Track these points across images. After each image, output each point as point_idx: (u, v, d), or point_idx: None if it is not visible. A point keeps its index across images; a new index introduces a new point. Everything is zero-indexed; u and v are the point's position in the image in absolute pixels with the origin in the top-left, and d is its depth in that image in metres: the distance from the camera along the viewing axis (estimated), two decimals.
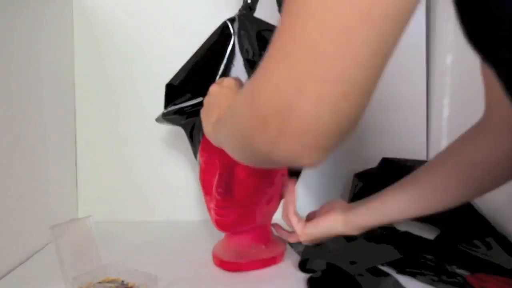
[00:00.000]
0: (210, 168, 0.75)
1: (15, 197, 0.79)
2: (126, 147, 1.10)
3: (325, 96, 0.32)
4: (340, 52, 0.31)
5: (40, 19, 0.91)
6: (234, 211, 0.73)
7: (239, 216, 0.75)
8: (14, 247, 0.79)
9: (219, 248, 0.81)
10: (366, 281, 0.68)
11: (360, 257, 0.76)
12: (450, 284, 0.67)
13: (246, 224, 0.77)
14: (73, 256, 0.68)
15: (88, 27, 1.08)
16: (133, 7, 1.07)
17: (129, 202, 1.09)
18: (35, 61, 0.88)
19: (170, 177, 1.10)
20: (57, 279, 0.66)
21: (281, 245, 0.83)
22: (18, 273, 0.77)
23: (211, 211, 0.75)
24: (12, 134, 0.78)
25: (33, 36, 0.87)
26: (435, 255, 0.77)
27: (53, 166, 0.96)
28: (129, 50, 1.07)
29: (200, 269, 0.77)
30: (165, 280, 0.70)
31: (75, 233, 0.70)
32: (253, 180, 0.73)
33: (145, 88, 1.06)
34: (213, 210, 0.74)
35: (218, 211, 0.73)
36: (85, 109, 1.09)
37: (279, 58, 0.34)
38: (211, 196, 0.74)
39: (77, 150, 1.09)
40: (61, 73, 1.03)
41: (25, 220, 0.82)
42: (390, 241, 0.83)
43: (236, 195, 0.73)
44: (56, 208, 0.97)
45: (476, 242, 0.79)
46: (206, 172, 0.75)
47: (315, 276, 0.71)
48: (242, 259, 0.77)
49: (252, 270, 0.75)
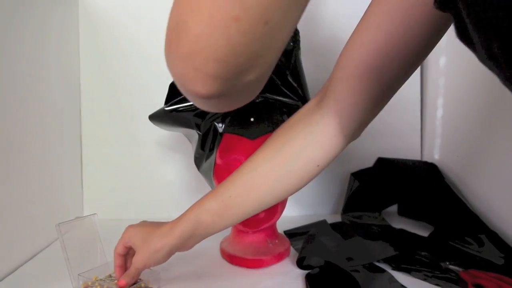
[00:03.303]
0: (233, 169, 0.75)
1: (22, 195, 0.80)
2: (131, 146, 1.11)
3: (216, 17, 0.31)
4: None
5: (48, 21, 0.92)
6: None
7: (266, 213, 0.76)
8: (21, 244, 0.80)
9: (235, 247, 0.81)
10: (362, 277, 0.69)
11: (356, 254, 0.77)
12: (443, 280, 0.68)
13: (270, 220, 0.78)
14: (79, 253, 0.68)
15: (93, 29, 1.09)
16: (137, 9, 1.08)
17: (134, 200, 1.10)
18: (42, 62, 0.89)
19: (175, 176, 1.11)
20: (63, 276, 0.67)
21: (286, 238, 0.86)
22: (25, 270, 0.77)
23: None
24: (18, 134, 0.79)
25: (40, 37, 0.88)
26: (429, 252, 0.78)
27: (59, 165, 0.97)
28: (134, 51, 1.08)
29: (203, 266, 0.78)
30: (168, 276, 0.72)
31: (81, 230, 0.70)
32: None
33: (150, 88, 1.07)
34: None
35: None
36: (90, 109, 1.10)
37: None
38: None
39: (83, 149, 1.10)
40: (67, 74, 1.04)
41: (31, 218, 0.83)
42: (386, 238, 0.84)
43: None
44: (62, 206, 0.97)
45: (469, 239, 0.81)
46: (227, 173, 0.75)
47: (312, 272, 0.72)
48: (264, 255, 0.78)
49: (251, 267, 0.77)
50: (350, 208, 1.06)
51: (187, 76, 0.35)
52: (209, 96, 0.36)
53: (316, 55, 1.08)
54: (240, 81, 0.36)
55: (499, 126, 0.83)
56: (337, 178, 1.12)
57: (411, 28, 0.49)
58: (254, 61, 0.35)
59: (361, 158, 1.08)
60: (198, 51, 0.33)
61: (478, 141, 0.90)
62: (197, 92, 0.36)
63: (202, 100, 0.40)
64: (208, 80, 0.34)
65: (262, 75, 0.39)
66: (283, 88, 0.76)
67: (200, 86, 0.35)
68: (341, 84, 0.57)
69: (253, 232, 0.80)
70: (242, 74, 0.35)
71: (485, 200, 0.87)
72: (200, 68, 0.34)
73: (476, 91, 0.91)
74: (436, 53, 1.08)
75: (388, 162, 1.05)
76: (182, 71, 0.35)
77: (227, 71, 0.34)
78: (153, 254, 0.62)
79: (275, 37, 0.34)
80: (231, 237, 0.84)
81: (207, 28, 0.31)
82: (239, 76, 0.35)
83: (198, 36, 0.32)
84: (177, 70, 0.35)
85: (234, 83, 0.36)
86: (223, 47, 0.32)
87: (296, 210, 1.11)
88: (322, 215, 1.08)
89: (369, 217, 1.03)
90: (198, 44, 0.32)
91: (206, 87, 0.35)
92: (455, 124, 1.01)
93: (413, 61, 0.53)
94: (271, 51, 0.36)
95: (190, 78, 0.35)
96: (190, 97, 0.40)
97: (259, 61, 0.35)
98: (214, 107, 0.45)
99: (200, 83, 0.35)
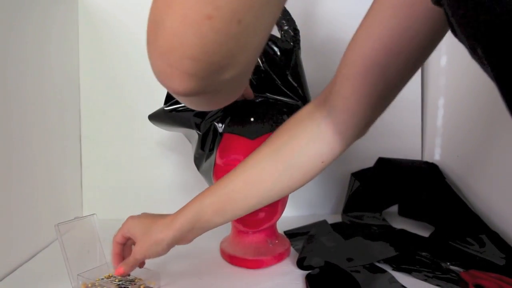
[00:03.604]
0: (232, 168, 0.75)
1: (21, 196, 0.80)
2: (130, 146, 1.10)
3: (189, 15, 0.31)
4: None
5: (47, 20, 0.92)
6: (263, 209, 0.74)
7: (267, 213, 0.76)
8: (20, 244, 0.80)
9: (235, 247, 0.81)
10: (363, 277, 0.69)
11: (357, 255, 0.77)
12: (444, 280, 0.68)
13: (270, 220, 0.78)
14: (78, 253, 0.68)
15: (93, 28, 1.09)
16: (137, 8, 1.08)
17: (133, 200, 1.10)
18: (41, 61, 0.89)
19: (174, 176, 1.11)
20: (62, 276, 0.67)
21: (286, 238, 0.86)
22: (24, 270, 0.77)
23: None
24: (18, 134, 0.79)
25: (40, 37, 0.88)
26: (430, 252, 0.78)
27: (58, 165, 0.97)
28: (133, 50, 1.07)
29: (203, 266, 0.77)
30: (168, 276, 0.72)
31: (80, 231, 0.70)
32: None
33: (150, 88, 1.06)
34: None
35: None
36: (89, 109, 1.10)
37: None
38: None
39: (82, 149, 1.10)
40: (66, 74, 1.04)
41: (31, 218, 0.83)
42: (386, 239, 0.83)
43: None
44: (61, 206, 0.97)
45: (470, 239, 0.80)
46: (227, 173, 0.76)
47: (313, 273, 0.72)
48: (264, 255, 0.78)
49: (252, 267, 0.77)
50: (350, 208, 1.05)
51: (164, 73, 0.35)
52: (186, 94, 0.37)
53: (316, 55, 1.07)
54: (216, 79, 0.36)
55: (500, 126, 0.83)
56: (337, 178, 1.11)
57: (415, 24, 0.49)
58: (229, 60, 0.35)
59: (362, 158, 1.08)
60: (173, 48, 0.33)
61: (479, 141, 0.90)
62: (174, 89, 0.36)
63: (182, 97, 0.40)
64: (184, 78, 0.35)
65: (239, 75, 0.39)
66: (283, 88, 0.76)
67: (177, 83, 0.36)
68: (347, 81, 0.57)
69: (253, 232, 0.80)
70: (218, 72, 0.36)
71: (486, 200, 0.87)
72: (176, 66, 0.34)
73: (476, 91, 0.91)
74: (437, 53, 1.08)
75: (388, 162, 1.05)
76: (160, 68, 0.36)
77: (202, 69, 0.34)
78: (153, 245, 0.63)
79: (249, 37, 0.35)
80: (231, 237, 0.84)
81: (181, 26, 0.32)
82: (215, 75, 0.36)
83: (173, 34, 0.33)
84: (155, 67, 0.36)
85: (210, 82, 0.36)
86: (197, 45, 0.32)
87: (296, 210, 1.11)
88: (323, 215, 1.08)
89: (370, 217, 1.02)
90: (173, 42, 0.33)
91: (183, 84, 0.36)
92: (456, 124, 1.01)
93: (417, 57, 0.53)
94: (247, 51, 0.36)
95: (167, 75, 0.35)
96: (171, 94, 0.40)
97: (235, 60, 0.36)
98: (197, 104, 0.46)
99: (176, 80, 0.35)
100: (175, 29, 0.32)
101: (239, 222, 0.77)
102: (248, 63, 0.39)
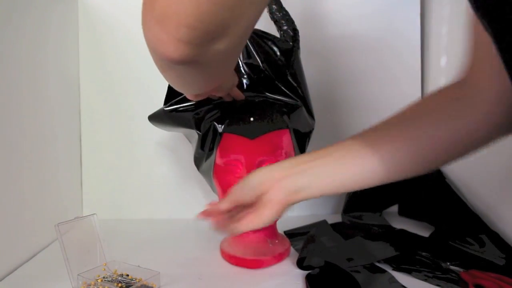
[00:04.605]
0: (233, 168, 0.75)
1: (21, 195, 0.80)
2: (130, 146, 1.10)
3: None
4: None
5: (46, 20, 0.92)
6: None
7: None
8: (20, 244, 0.80)
9: (235, 247, 0.81)
10: (363, 277, 0.69)
11: (357, 255, 0.77)
12: (444, 280, 0.68)
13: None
14: (78, 253, 0.68)
15: (93, 28, 1.08)
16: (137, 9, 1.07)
17: (133, 200, 1.10)
18: (41, 61, 0.89)
19: (174, 176, 1.11)
20: (63, 276, 0.67)
21: (286, 238, 0.86)
22: (25, 270, 0.77)
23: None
24: (18, 134, 0.79)
25: (39, 37, 0.88)
26: (430, 252, 0.78)
27: (59, 165, 0.97)
28: (133, 50, 1.07)
29: (203, 266, 0.77)
30: (168, 277, 0.71)
31: (80, 230, 0.70)
32: None
33: (149, 88, 1.06)
34: None
35: None
36: (90, 109, 1.10)
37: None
38: None
39: (82, 149, 1.10)
40: (66, 74, 1.04)
41: (31, 218, 0.83)
42: (386, 239, 0.83)
43: None
44: (61, 206, 0.97)
45: (470, 239, 0.80)
46: (227, 173, 0.76)
47: (313, 273, 0.71)
48: (264, 255, 0.78)
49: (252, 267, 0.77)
50: (350, 208, 1.05)
51: (160, 39, 0.37)
52: (180, 61, 0.38)
53: (316, 55, 1.07)
54: (210, 48, 0.38)
55: None
56: None
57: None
58: (224, 29, 0.37)
59: None
60: (170, 16, 0.35)
61: None
62: (168, 56, 0.38)
63: (173, 67, 0.41)
64: (179, 45, 0.36)
65: (232, 46, 0.40)
66: (282, 88, 0.76)
67: (172, 50, 0.37)
68: (483, 62, 0.55)
69: (253, 232, 0.80)
70: (213, 41, 0.37)
71: (486, 200, 0.87)
72: (172, 33, 0.36)
73: None
74: (437, 53, 1.08)
75: None
76: (155, 34, 0.37)
77: (197, 37, 0.36)
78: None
79: (244, 9, 0.36)
80: (231, 237, 0.84)
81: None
82: (210, 43, 0.37)
83: (170, 3, 0.34)
84: (150, 33, 0.38)
85: (204, 50, 0.38)
86: (193, 14, 0.34)
87: (296, 210, 1.10)
88: (322, 215, 1.08)
89: (370, 217, 1.02)
90: (170, 10, 0.34)
91: (178, 51, 0.37)
92: None
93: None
94: (241, 22, 0.38)
95: (163, 41, 0.37)
96: (162, 64, 0.42)
97: (229, 30, 0.37)
98: (185, 78, 0.47)
99: (172, 47, 0.37)
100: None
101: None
102: (241, 35, 0.40)
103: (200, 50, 0.38)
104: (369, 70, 1.10)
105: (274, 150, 0.75)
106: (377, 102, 1.11)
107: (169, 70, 0.45)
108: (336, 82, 1.09)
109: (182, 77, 0.47)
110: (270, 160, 0.75)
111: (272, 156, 0.75)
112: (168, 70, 0.45)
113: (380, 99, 1.11)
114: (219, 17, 0.35)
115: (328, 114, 1.09)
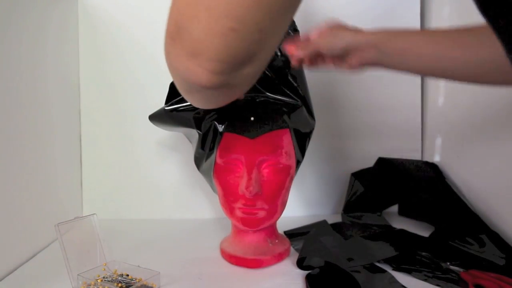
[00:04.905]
0: (233, 168, 0.75)
1: (21, 195, 0.80)
2: (130, 146, 1.10)
3: (214, 28, 0.35)
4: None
5: (46, 20, 0.92)
6: (262, 209, 0.74)
7: (267, 213, 0.76)
8: (20, 244, 0.80)
9: (235, 247, 0.81)
10: (363, 277, 0.69)
11: (357, 254, 0.77)
12: (444, 280, 0.68)
13: (271, 220, 0.78)
14: (78, 253, 0.68)
15: (93, 28, 1.08)
16: (137, 9, 1.08)
17: (133, 200, 1.10)
18: (41, 61, 0.89)
19: (174, 176, 1.11)
20: (63, 276, 0.67)
21: (286, 238, 0.86)
22: (25, 270, 0.77)
23: (236, 211, 0.76)
24: (18, 134, 0.79)
25: (39, 36, 0.88)
26: (430, 252, 0.78)
27: (59, 165, 0.97)
28: (133, 50, 1.08)
29: (203, 266, 0.77)
30: (168, 277, 0.71)
31: (80, 230, 0.71)
32: (276, 175, 0.75)
33: (150, 88, 1.07)
34: (240, 209, 0.75)
35: (247, 209, 0.75)
36: (89, 109, 1.10)
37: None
38: (234, 196, 0.75)
39: (82, 149, 1.10)
40: (66, 74, 1.04)
41: (31, 218, 0.83)
42: (386, 239, 0.84)
43: (264, 192, 0.74)
44: (61, 206, 0.97)
45: (470, 239, 0.80)
46: (227, 172, 0.75)
47: (313, 273, 0.72)
48: (264, 255, 0.78)
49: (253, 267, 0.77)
50: (350, 208, 1.05)
51: (192, 71, 0.39)
52: (212, 87, 0.41)
53: None
54: (240, 73, 0.41)
55: (500, 126, 0.83)
56: (337, 178, 1.11)
57: None
58: (252, 58, 0.39)
59: (362, 158, 1.08)
60: (202, 52, 0.37)
61: (479, 141, 0.90)
62: (200, 84, 0.41)
63: (202, 90, 0.44)
64: (211, 75, 0.39)
65: (259, 68, 0.44)
66: (283, 88, 0.76)
67: (205, 80, 0.40)
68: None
69: (253, 232, 0.80)
70: (242, 68, 0.40)
71: (486, 200, 0.87)
72: (204, 65, 0.38)
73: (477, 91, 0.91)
74: None
75: (388, 162, 1.05)
76: (188, 67, 0.39)
77: (228, 68, 0.39)
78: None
79: (269, 40, 0.39)
80: (231, 237, 0.84)
81: (207, 36, 0.36)
82: (239, 70, 0.40)
83: (199, 41, 0.36)
84: (182, 65, 0.40)
85: (233, 76, 0.41)
86: (223, 51, 0.37)
87: (296, 210, 1.10)
88: (323, 215, 1.08)
89: (370, 217, 1.02)
90: (201, 47, 0.37)
91: (211, 80, 0.40)
92: (456, 124, 1.01)
93: None
94: (267, 49, 0.41)
95: (196, 73, 0.39)
96: (189, 89, 0.45)
97: (256, 57, 0.40)
98: (209, 99, 0.49)
99: (204, 77, 0.40)
100: (202, 38, 0.36)
101: (239, 221, 0.77)
102: (267, 58, 0.43)
103: (230, 76, 0.40)
104: (369, 70, 1.10)
105: (274, 149, 0.75)
106: (377, 102, 1.11)
107: (197, 93, 0.47)
108: (336, 82, 1.09)
109: (207, 98, 0.50)
110: (270, 160, 0.75)
111: (272, 156, 0.75)
112: (195, 93, 0.47)
113: (380, 99, 1.11)
114: (247, 50, 0.38)
115: (328, 114, 1.09)
